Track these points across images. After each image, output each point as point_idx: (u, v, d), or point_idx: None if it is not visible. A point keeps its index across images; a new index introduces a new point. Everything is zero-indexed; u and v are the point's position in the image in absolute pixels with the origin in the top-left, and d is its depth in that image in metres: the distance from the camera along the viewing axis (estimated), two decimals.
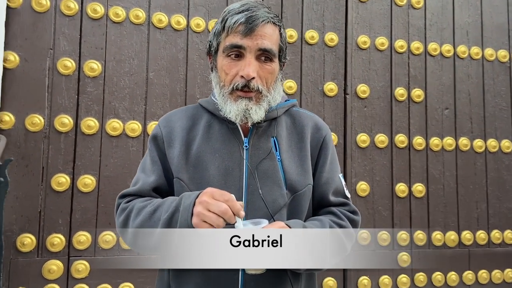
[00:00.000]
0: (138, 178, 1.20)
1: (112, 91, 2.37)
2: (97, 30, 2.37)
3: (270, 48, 1.11)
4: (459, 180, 2.87)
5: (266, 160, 1.16)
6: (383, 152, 2.76)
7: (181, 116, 1.24)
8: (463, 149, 2.89)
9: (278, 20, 1.17)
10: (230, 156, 1.15)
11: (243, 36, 1.09)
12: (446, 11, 2.97)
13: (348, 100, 2.71)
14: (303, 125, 1.25)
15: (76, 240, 2.24)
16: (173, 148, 1.18)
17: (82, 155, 2.30)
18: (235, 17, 1.10)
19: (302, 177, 1.18)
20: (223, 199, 0.94)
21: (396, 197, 2.75)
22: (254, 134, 1.18)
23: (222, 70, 1.13)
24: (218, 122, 1.20)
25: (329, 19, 2.74)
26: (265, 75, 1.13)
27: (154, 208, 1.06)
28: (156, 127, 1.24)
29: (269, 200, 1.12)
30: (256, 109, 1.12)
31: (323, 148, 1.24)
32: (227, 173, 1.13)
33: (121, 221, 1.13)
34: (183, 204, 1.00)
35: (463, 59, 2.96)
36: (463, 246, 2.82)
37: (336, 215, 1.19)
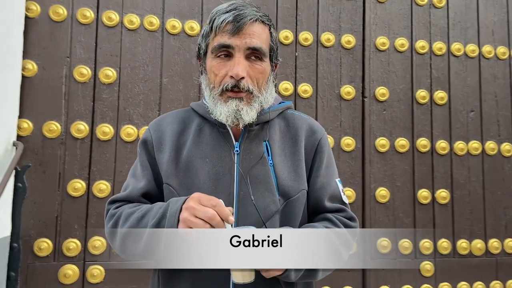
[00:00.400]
0: (128, 184, 1.18)
1: (126, 97, 2.39)
2: (112, 37, 2.40)
3: (259, 46, 1.08)
4: (486, 186, 2.74)
5: (257, 165, 1.11)
6: (404, 157, 2.66)
7: (172, 120, 1.21)
8: (490, 153, 2.76)
9: (268, 20, 1.14)
10: (221, 161, 1.12)
11: (231, 35, 1.06)
12: (470, 10, 2.85)
13: (366, 104, 2.64)
14: (297, 128, 1.20)
15: (92, 245, 2.27)
16: (163, 153, 1.14)
17: (98, 161, 2.33)
18: (222, 17, 1.07)
19: (295, 182, 1.13)
20: (210, 205, 0.91)
21: (418, 204, 2.64)
22: (245, 138, 1.14)
23: (211, 72, 1.10)
24: (209, 126, 1.17)
25: (345, 20, 2.68)
26: (255, 75, 1.09)
27: (142, 214, 1.04)
28: (146, 131, 1.21)
29: (261, 206, 1.08)
30: (247, 109, 1.07)
31: (318, 151, 1.19)
32: (217, 179, 1.10)
33: (110, 227, 1.11)
34: (169, 210, 0.97)
35: (489, 59, 2.83)
36: (490, 254, 2.68)
37: (332, 222, 1.14)
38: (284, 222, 1.11)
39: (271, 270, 0.96)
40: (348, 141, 2.58)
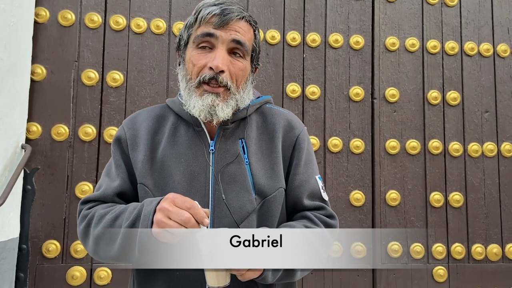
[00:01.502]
0: (101, 183, 1.14)
1: (133, 100, 2.41)
2: (119, 41, 2.42)
3: (244, 42, 1.05)
4: (502, 189, 2.65)
5: (232, 164, 1.08)
6: (415, 159, 2.60)
7: (147, 117, 1.17)
8: (506, 155, 2.67)
9: (254, 21, 1.11)
10: (196, 160, 1.08)
11: (216, 26, 1.03)
12: (483, 8, 2.78)
13: (376, 105, 2.59)
14: (275, 124, 1.16)
15: None
16: (137, 151, 1.11)
17: (105, 163, 2.32)
18: (209, 9, 1.05)
19: (272, 181, 1.10)
20: (185, 207, 0.88)
21: (430, 207, 2.57)
22: (220, 136, 1.11)
23: (190, 62, 1.06)
24: (184, 124, 1.13)
25: (354, 21, 2.64)
26: (235, 71, 1.05)
27: (116, 215, 1.01)
28: (120, 129, 1.17)
29: (236, 206, 1.05)
30: (222, 106, 1.04)
31: (296, 148, 1.15)
32: (192, 179, 1.07)
33: (82, 229, 1.07)
34: (143, 211, 0.94)
35: (504, 58, 2.75)
36: (507, 260, 2.58)
37: (311, 220, 1.10)
38: (262, 222, 1.08)
39: (247, 273, 0.92)
40: (357, 143, 2.53)
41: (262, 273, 0.94)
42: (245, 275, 0.92)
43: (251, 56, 1.11)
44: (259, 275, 0.94)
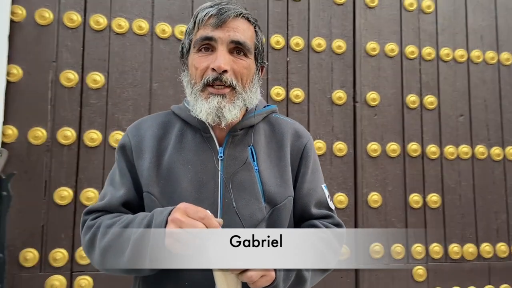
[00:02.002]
0: (105, 192, 1.11)
1: (115, 102, 2.34)
2: (100, 41, 2.35)
3: (243, 41, 1.04)
4: (476, 190, 2.75)
5: (242, 171, 1.07)
6: (395, 161, 2.66)
7: (152, 124, 1.14)
8: (480, 157, 2.77)
9: (254, 19, 1.11)
10: (204, 167, 1.07)
11: (214, 28, 1.02)
12: (458, 15, 2.87)
13: (358, 108, 2.63)
14: (283, 133, 1.16)
15: (79, 255, 2.20)
16: (142, 159, 1.09)
17: (85, 168, 2.26)
18: (206, 11, 1.04)
19: (281, 189, 1.09)
20: (198, 217, 0.86)
21: (410, 208, 2.64)
22: (229, 143, 1.10)
23: (192, 66, 1.05)
24: (191, 130, 1.12)
25: (336, 26, 2.68)
26: (239, 70, 1.04)
27: (124, 226, 0.98)
28: (124, 136, 1.15)
29: (246, 214, 1.04)
30: (229, 107, 1.03)
31: (303, 157, 1.16)
32: (200, 186, 1.05)
33: (87, 240, 1.03)
34: (154, 222, 0.91)
35: (478, 64, 2.86)
36: (482, 259, 2.68)
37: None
38: None
39: (260, 281, 0.91)
40: (340, 146, 2.56)
41: (274, 281, 0.93)
42: (257, 283, 0.90)
43: (255, 54, 1.10)
44: (271, 283, 0.93)
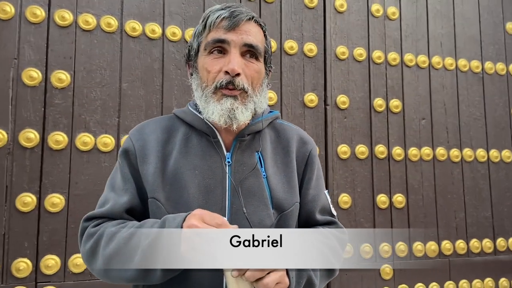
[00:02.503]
0: (107, 198, 1.07)
1: (82, 103, 2.22)
2: (65, 38, 2.22)
3: (256, 44, 1.04)
4: (437, 190, 2.88)
5: (250, 177, 1.06)
6: (364, 163, 2.72)
7: (155, 128, 1.12)
8: (440, 159, 2.90)
9: (263, 23, 1.11)
10: (211, 173, 1.05)
11: (226, 30, 1.02)
12: (420, 22, 3.00)
13: (329, 111, 2.67)
14: (288, 139, 1.17)
15: (44, 265, 2.07)
16: (147, 164, 1.06)
17: (50, 172, 2.13)
18: (217, 13, 1.04)
19: (289, 195, 1.10)
20: (215, 223, 0.84)
21: (377, 209, 2.71)
22: (237, 148, 1.09)
23: (204, 69, 1.04)
24: (196, 135, 1.10)
25: (308, 29, 2.70)
26: (251, 73, 1.04)
27: (131, 233, 0.94)
28: (127, 140, 1.12)
29: (255, 220, 1.03)
30: (242, 109, 1.02)
31: (309, 163, 1.16)
32: (208, 192, 1.03)
33: (89, 248, 0.99)
34: (168, 228, 0.89)
35: (438, 69, 2.99)
36: (443, 256, 2.81)
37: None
38: None
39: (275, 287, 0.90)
40: None
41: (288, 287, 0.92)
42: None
43: (264, 58, 1.09)
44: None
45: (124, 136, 2.26)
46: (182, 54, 2.42)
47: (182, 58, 2.41)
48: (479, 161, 2.99)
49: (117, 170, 1.12)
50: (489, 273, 2.88)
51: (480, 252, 2.89)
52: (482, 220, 2.93)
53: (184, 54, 1.16)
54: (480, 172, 2.98)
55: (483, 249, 2.89)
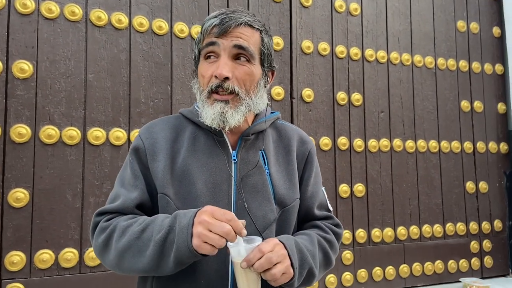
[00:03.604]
0: (117, 194, 1.10)
1: (45, 94, 2.15)
2: (27, 26, 2.13)
3: (246, 46, 1.07)
4: (394, 179, 3.05)
5: (255, 174, 1.12)
6: (327, 155, 2.83)
7: (163, 127, 1.17)
8: (396, 150, 3.07)
9: (260, 25, 1.13)
10: (218, 170, 1.10)
11: (217, 35, 1.06)
12: (380, 19, 3.12)
13: (295, 104, 2.74)
14: (289, 139, 1.23)
15: (9, 261, 2.01)
16: (157, 161, 1.10)
17: (13, 166, 2.06)
18: (210, 21, 1.08)
19: (290, 191, 1.16)
20: (226, 219, 0.89)
21: (339, 198, 2.84)
22: (242, 147, 1.15)
23: (200, 74, 1.10)
24: (203, 133, 1.15)
25: (274, 23, 2.74)
26: (242, 76, 1.07)
27: (143, 227, 0.98)
28: (137, 138, 1.15)
29: (259, 216, 1.09)
30: (232, 112, 1.06)
31: (308, 161, 1.23)
32: (215, 188, 1.08)
33: (101, 242, 1.03)
34: (179, 224, 0.93)
35: (396, 65, 3.14)
36: (398, 241, 3.00)
37: (322, 229, 1.20)
38: (280, 231, 1.14)
39: (281, 279, 0.96)
40: None
41: (292, 278, 0.99)
42: (278, 280, 0.96)
43: (261, 59, 1.12)
44: (289, 280, 0.99)
45: (91, 128, 2.21)
46: (149, 45, 2.38)
47: (150, 49, 2.38)
48: (431, 151, 3.19)
49: (127, 167, 1.15)
50: (439, 256, 3.10)
51: (431, 236, 3.10)
52: (433, 206, 3.14)
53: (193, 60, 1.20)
54: (432, 162, 3.18)
55: (434, 233, 3.11)
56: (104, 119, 2.25)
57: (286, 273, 0.96)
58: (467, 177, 3.29)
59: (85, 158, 2.19)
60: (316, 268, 1.08)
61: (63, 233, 2.12)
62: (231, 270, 1.04)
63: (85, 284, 2.12)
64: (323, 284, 2.72)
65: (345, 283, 2.78)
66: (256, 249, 0.93)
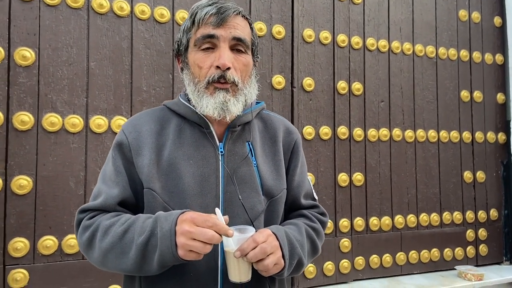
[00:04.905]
0: (99, 191, 1.11)
1: (48, 82, 2.15)
2: (28, 13, 2.12)
3: (244, 37, 1.09)
4: (392, 168, 3.07)
5: (242, 165, 1.13)
6: (327, 144, 2.85)
7: (147, 120, 1.16)
8: (396, 139, 3.09)
9: (249, 16, 1.16)
10: (206, 162, 1.10)
11: (215, 26, 1.06)
12: (382, 7, 3.11)
13: (295, 93, 2.75)
14: (275, 129, 1.24)
15: (12, 247, 2.04)
16: (142, 156, 1.09)
17: (16, 153, 2.07)
18: (205, 10, 1.08)
19: (277, 182, 1.18)
20: (207, 226, 0.90)
21: (338, 187, 2.87)
22: (229, 138, 1.15)
23: (195, 65, 1.09)
24: (189, 126, 1.15)
25: (276, 11, 2.73)
26: (240, 67, 1.09)
27: (125, 228, 0.99)
28: (120, 134, 1.15)
29: (248, 207, 1.10)
30: (234, 101, 1.08)
31: (294, 152, 1.25)
32: (202, 180, 1.09)
33: (85, 240, 1.05)
34: (160, 230, 0.94)
35: (397, 54, 3.14)
36: (396, 229, 3.04)
37: (309, 218, 1.22)
38: (268, 222, 1.16)
39: (272, 269, 0.99)
40: None
41: (283, 268, 1.02)
42: (269, 271, 0.98)
43: (252, 50, 1.14)
44: (280, 270, 1.01)
45: (93, 116, 2.22)
46: (151, 33, 2.38)
47: (152, 37, 2.38)
48: (430, 141, 3.21)
49: (109, 162, 1.14)
50: (435, 244, 3.15)
51: (428, 225, 3.15)
52: (431, 195, 3.18)
53: (173, 49, 1.19)
54: (430, 152, 3.21)
55: (431, 222, 3.15)
56: (106, 107, 2.26)
57: (278, 264, 0.99)
58: (465, 166, 3.32)
59: (87, 146, 2.21)
60: (305, 258, 1.11)
61: (66, 220, 2.15)
62: (221, 261, 1.06)
63: (88, 270, 2.16)
64: (320, 271, 2.77)
65: (342, 270, 2.83)
66: (251, 239, 0.95)
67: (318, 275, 2.76)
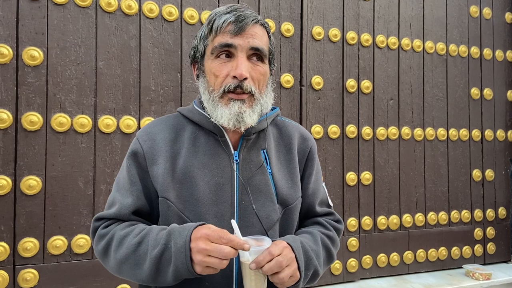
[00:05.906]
0: (114, 200, 1.11)
1: (56, 82, 2.14)
2: (36, 12, 2.10)
3: (262, 47, 1.07)
4: (401, 167, 3.05)
5: (257, 174, 1.11)
6: (335, 143, 2.83)
7: (162, 128, 1.14)
8: (405, 137, 3.07)
9: (267, 24, 1.14)
10: (221, 171, 1.09)
11: (233, 35, 1.04)
12: (392, 4, 3.06)
13: (304, 92, 2.73)
14: (290, 136, 1.22)
15: (22, 248, 2.05)
16: (156, 165, 1.08)
17: (25, 154, 2.07)
18: (224, 17, 1.05)
19: (292, 191, 1.16)
20: (222, 242, 0.89)
21: (346, 186, 2.86)
22: (243, 147, 1.13)
23: (211, 73, 1.07)
24: (204, 133, 1.13)
25: (285, 8, 2.69)
26: (257, 77, 1.07)
27: (139, 240, 0.99)
28: (135, 142, 1.13)
29: (263, 216, 1.09)
30: (249, 112, 1.05)
31: (309, 159, 1.23)
32: (218, 189, 1.07)
33: (101, 249, 1.05)
34: (174, 244, 0.93)
35: (406, 51, 3.10)
36: (403, 228, 3.03)
37: (324, 226, 1.21)
38: (283, 230, 1.14)
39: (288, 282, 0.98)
40: None
41: (298, 281, 1.01)
42: (284, 284, 0.97)
43: (269, 59, 1.12)
44: (296, 282, 1.01)
45: (101, 116, 2.21)
46: (159, 31, 2.36)
47: (160, 36, 2.36)
48: (439, 139, 3.18)
49: (123, 171, 1.14)
50: (443, 243, 3.14)
51: (436, 224, 3.14)
52: (439, 194, 3.16)
53: (189, 55, 1.17)
54: (439, 150, 3.18)
55: (439, 221, 3.14)
56: (115, 107, 2.25)
57: (293, 276, 0.98)
58: (474, 165, 3.30)
59: (96, 146, 2.20)
60: (320, 267, 1.10)
61: (76, 220, 2.15)
62: (236, 271, 1.05)
63: (97, 269, 2.17)
64: (328, 270, 2.76)
65: (350, 269, 2.83)
66: (266, 251, 0.94)
67: (326, 274, 2.76)
